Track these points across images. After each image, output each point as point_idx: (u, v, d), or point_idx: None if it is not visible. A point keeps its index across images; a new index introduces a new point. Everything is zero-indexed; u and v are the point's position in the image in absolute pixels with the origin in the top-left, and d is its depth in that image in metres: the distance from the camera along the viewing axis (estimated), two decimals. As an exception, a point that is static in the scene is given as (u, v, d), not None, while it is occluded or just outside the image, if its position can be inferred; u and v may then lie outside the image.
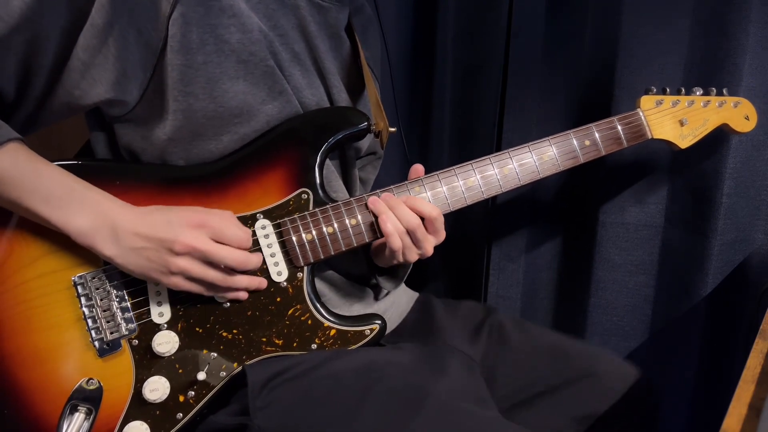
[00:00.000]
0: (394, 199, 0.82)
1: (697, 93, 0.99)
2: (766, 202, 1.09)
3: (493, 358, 0.95)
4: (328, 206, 0.82)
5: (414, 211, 0.81)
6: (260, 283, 0.79)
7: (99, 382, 0.75)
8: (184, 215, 0.73)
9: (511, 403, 0.91)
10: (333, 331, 0.82)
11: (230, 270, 0.76)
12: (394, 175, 0.97)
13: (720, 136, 1.05)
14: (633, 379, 0.91)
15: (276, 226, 0.80)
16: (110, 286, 0.76)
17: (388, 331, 0.87)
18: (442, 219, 0.83)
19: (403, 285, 1.06)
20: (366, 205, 0.82)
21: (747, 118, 1.00)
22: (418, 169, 0.86)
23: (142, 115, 0.79)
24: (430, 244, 0.83)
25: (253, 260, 0.77)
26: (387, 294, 1.00)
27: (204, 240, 0.73)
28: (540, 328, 1.01)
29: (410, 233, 0.81)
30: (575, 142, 0.92)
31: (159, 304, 0.77)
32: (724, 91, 0.99)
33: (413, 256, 0.83)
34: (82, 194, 0.72)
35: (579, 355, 0.94)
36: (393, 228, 0.80)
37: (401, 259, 0.82)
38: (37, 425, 0.73)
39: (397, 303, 1.01)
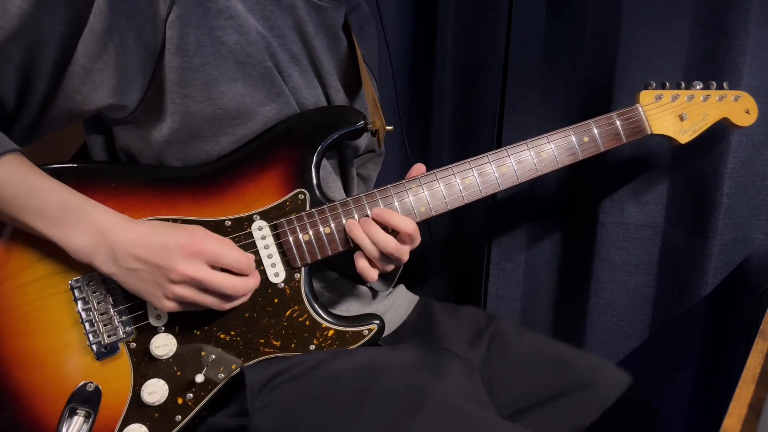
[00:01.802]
0: (369, 223, 0.80)
1: (697, 87, 0.97)
2: (766, 202, 1.09)
3: (493, 365, 0.94)
4: (325, 206, 0.82)
5: (390, 227, 0.80)
6: (255, 287, 0.78)
7: (97, 385, 0.75)
8: (181, 239, 0.71)
9: (511, 411, 0.90)
10: (331, 332, 0.81)
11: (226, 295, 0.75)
12: (394, 175, 0.97)
13: (720, 136, 1.05)
14: (632, 392, 0.90)
15: (273, 227, 0.80)
16: (107, 289, 0.75)
17: (387, 332, 0.86)
18: (417, 230, 0.82)
19: (403, 287, 1.06)
20: (364, 205, 0.82)
21: (747, 112, 0.99)
22: (420, 168, 0.85)
23: (140, 118, 0.78)
24: (406, 254, 0.82)
25: (250, 285, 0.76)
26: (389, 295, 0.99)
27: (201, 269, 0.71)
28: (541, 337, 1.00)
29: (388, 255, 0.80)
30: (574, 138, 0.91)
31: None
32: (725, 84, 0.98)
33: (390, 268, 0.83)
34: (78, 211, 0.71)
35: (580, 364, 0.94)
36: (365, 263, 0.80)
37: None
38: (36, 428, 0.73)
39: (396, 306, 1.01)
